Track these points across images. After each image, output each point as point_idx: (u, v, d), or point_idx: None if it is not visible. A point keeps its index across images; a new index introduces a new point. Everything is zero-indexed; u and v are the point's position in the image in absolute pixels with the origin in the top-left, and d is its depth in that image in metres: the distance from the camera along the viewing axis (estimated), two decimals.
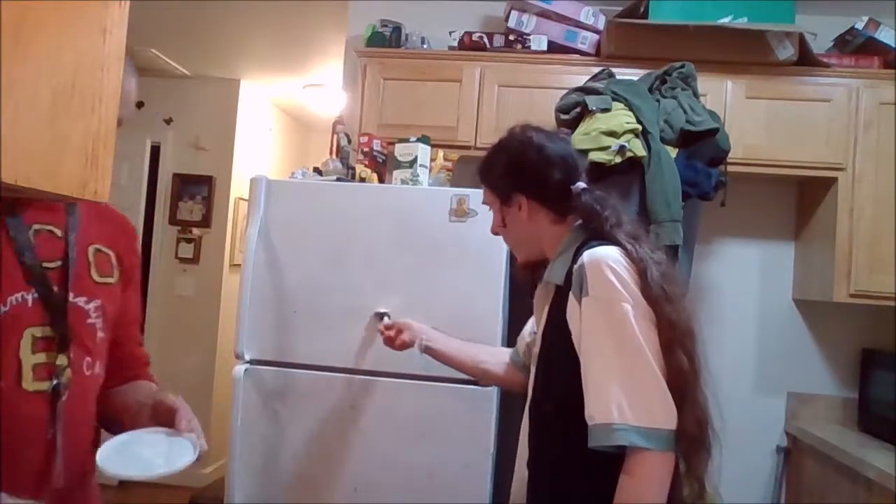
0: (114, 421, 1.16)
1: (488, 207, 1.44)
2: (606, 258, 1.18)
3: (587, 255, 1.20)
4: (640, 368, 1.13)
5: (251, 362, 2.11)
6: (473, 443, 2.02)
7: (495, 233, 1.45)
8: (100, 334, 1.12)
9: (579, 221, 1.32)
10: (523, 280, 1.48)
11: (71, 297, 1.06)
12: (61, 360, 1.03)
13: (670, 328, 1.16)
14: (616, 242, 1.22)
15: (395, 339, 1.70)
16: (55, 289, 1.04)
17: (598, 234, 1.26)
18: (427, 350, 1.66)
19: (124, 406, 1.17)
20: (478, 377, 1.72)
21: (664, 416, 1.12)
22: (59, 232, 1.08)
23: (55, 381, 1.02)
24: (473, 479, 2.01)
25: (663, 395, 1.13)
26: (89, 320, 1.10)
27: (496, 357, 1.66)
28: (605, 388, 1.14)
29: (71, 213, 1.11)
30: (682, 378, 1.14)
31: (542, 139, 1.37)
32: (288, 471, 2.10)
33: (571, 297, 1.21)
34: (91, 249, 1.13)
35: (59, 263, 1.06)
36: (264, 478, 2.10)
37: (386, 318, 1.86)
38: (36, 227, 1.05)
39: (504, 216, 1.38)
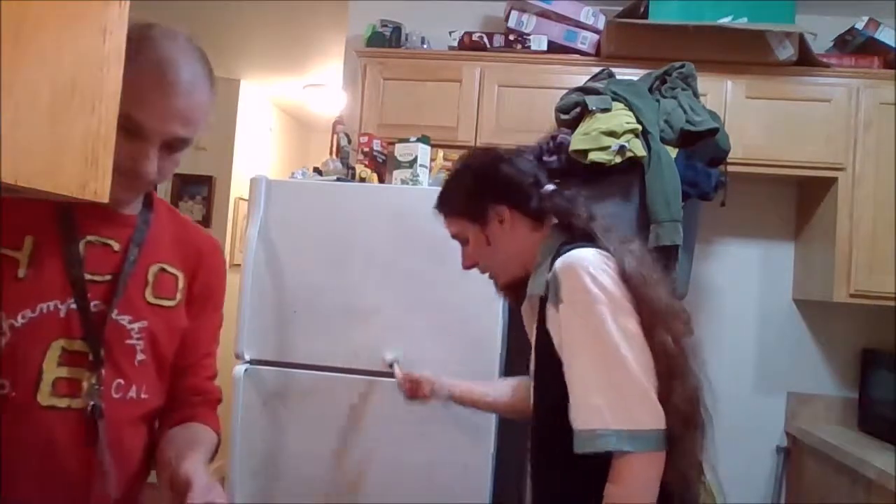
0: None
1: (461, 240, 1.39)
2: (578, 260, 1.17)
3: (559, 262, 1.19)
4: (619, 370, 1.12)
5: (251, 362, 2.12)
6: (473, 443, 2.02)
7: (470, 265, 1.40)
8: (140, 356, 1.04)
9: (554, 222, 1.32)
10: (512, 301, 1.44)
11: (114, 314, 1.00)
12: (91, 378, 0.97)
13: (650, 310, 1.15)
14: (590, 237, 1.22)
15: (418, 392, 1.67)
16: (95, 303, 0.99)
17: (573, 232, 1.26)
18: (454, 398, 1.64)
19: (163, 461, 1.03)
20: (507, 413, 1.68)
21: (647, 416, 1.11)
22: (116, 246, 1.03)
23: (91, 403, 0.96)
24: (473, 479, 2.02)
25: (644, 395, 1.11)
26: (129, 341, 1.02)
27: (516, 389, 1.61)
28: (585, 394, 1.13)
29: (139, 229, 1.05)
30: (668, 358, 1.13)
31: (503, 152, 1.38)
32: (288, 471, 2.10)
33: (549, 305, 1.20)
34: (153, 268, 1.07)
35: (108, 278, 1.01)
36: (264, 478, 2.10)
37: (396, 365, 1.77)
38: (90, 238, 1.00)
39: (487, 236, 1.34)
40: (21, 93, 0.54)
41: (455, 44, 2.71)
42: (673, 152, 2.23)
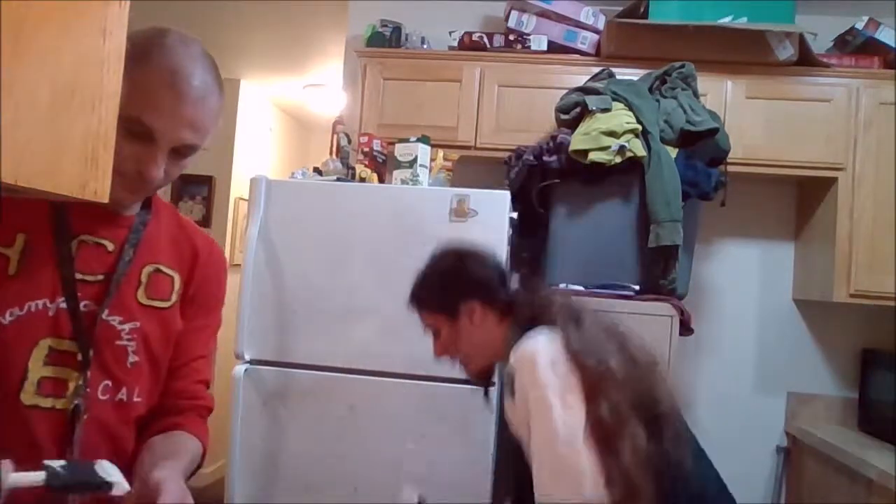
0: None
1: (432, 333, 1.48)
2: (528, 349, 1.25)
3: (512, 355, 1.28)
4: (561, 448, 1.18)
5: (251, 362, 2.11)
6: (473, 443, 2.02)
7: (441, 354, 1.49)
8: (132, 358, 1.02)
9: (515, 313, 1.39)
10: (484, 383, 1.55)
11: (105, 314, 0.99)
12: (79, 379, 0.96)
13: (591, 380, 1.21)
14: (545, 321, 1.30)
15: None
16: (85, 303, 0.98)
17: (530, 320, 1.33)
18: None
19: (139, 471, 0.95)
20: None
21: (591, 486, 1.15)
22: (111, 247, 1.02)
23: (75, 402, 0.95)
24: (473, 479, 2.01)
25: (584, 465, 1.16)
26: (119, 342, 1.01)
27: None
28: (538, 471, 1.22)
29: (136, 230, 1.04)
30: (603, 428, 1.18)
31: (471, 249, 1.49)
32: (288, 470, 2.10)
33: (507, 396, 1.29)
34: (148, 269, 1.05)
35: (100, 278, 1.00)
36: (264, 478, 2.10)
37: None
38: (83, 237, 0.99)
39: (459, 329, 1.43)
40: (21, 93, 0.54)
41: (455, 44, 2.71)
42: (673, 152, 2.23)
